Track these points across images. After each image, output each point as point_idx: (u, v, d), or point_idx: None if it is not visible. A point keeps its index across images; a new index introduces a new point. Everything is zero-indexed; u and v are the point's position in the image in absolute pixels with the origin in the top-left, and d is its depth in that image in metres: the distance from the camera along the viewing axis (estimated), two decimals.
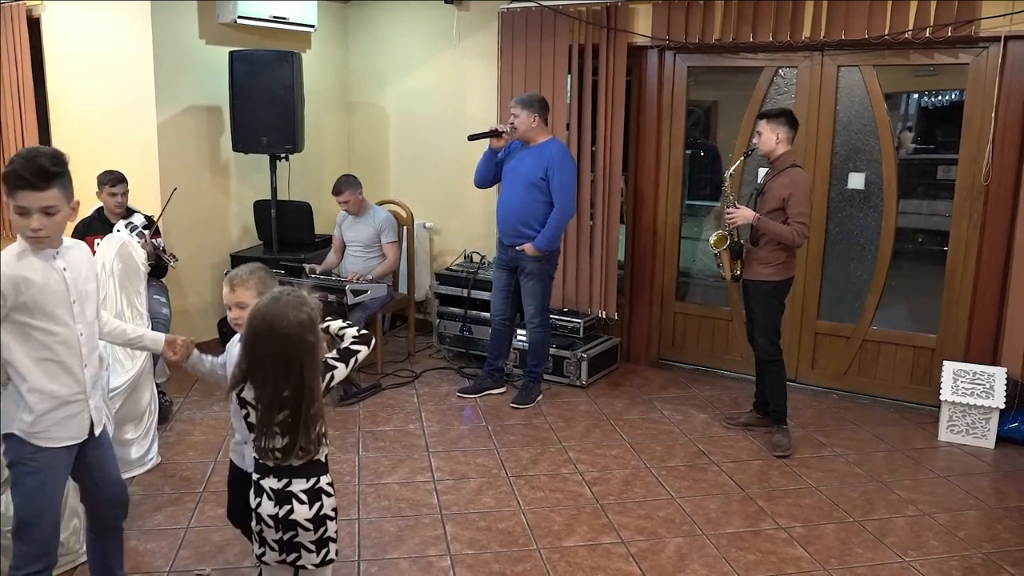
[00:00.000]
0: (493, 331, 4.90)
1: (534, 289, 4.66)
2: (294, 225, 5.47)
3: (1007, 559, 3.18)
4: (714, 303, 5.43)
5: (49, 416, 2.27)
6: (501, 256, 4.76)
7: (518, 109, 4.52)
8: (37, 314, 2.21)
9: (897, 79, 4.81)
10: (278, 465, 2.17)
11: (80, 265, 2.35)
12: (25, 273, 2.19)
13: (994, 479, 3.93)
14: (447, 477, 3.83)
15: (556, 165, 4.47)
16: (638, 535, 3.33)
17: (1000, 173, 4.34)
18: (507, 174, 4.65)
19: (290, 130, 5.15)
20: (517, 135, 4.56)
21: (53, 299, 2.24)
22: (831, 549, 3.24)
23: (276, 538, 2.21)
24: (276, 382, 2.08)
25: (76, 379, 2.31)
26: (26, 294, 2.18)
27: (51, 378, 2.26)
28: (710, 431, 4.44)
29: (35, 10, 5.58)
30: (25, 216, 2.16)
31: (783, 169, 4.07)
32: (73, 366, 2.30)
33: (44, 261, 2.24)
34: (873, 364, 4.90)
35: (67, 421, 2.31)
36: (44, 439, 2.27)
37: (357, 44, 6.29)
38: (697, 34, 4.88)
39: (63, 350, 2.27)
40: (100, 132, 5.36)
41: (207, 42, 5.34)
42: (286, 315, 2.07)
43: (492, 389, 4.90)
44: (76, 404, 2.32)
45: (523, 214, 4.55)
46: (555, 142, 4.63)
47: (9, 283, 2.16)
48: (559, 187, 4.48)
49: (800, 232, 4.00)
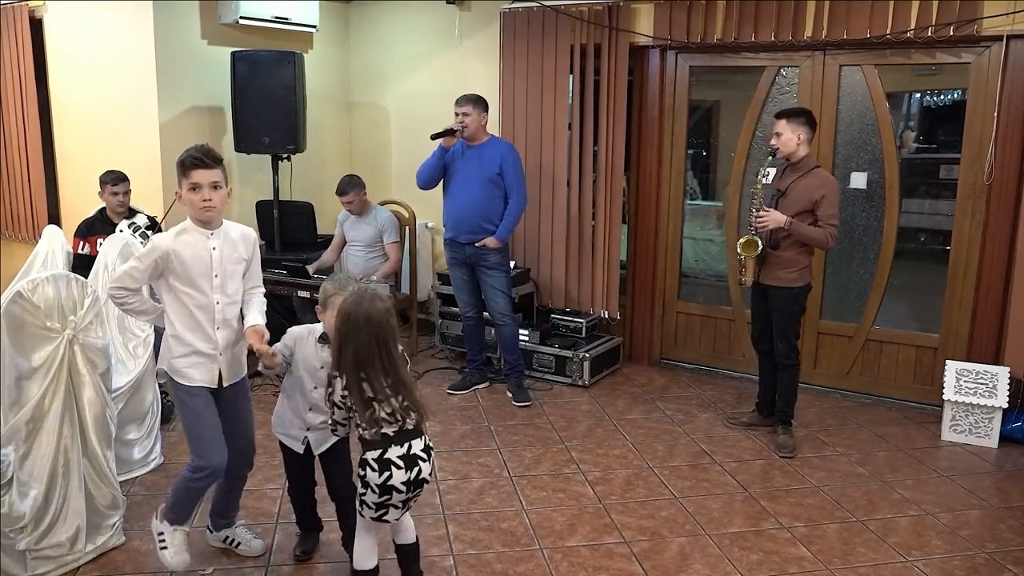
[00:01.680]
0: (467, 327, 5.01)
1: (500, 281, 4.76)
2: (296, 225, 5.48)
3: (1009, 558, 3.18)
4: (716, 303, 5.43)
5: (183, 360, 2.76)
6: (455, 255, 4.82)
7: (469, 108, 4.61)
8: (183, 280, 2.71)
9: (899, 78, 4.81)
10: (400, 431, 2.53)
11: (234, 247, 2.80)
12: (177, 247, 2.69)
13: (997, 479, 3.92)
14: (449, 477, 3.83)
15: (510, 161, 4.66)
16: (640, 535, 3.33)
17: (1002, 172, 4.34)
18: (456, 174, 4.72)
19: (292, 130, 5.15)
20: (467, 134, 4.64)
21: (197, 270, 2.72)
22: (834, 549, 3.24)
23: (404, 499, 2.59)
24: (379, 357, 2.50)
25: (208, 337, 2.76)
26: (175, 263, 2.69)
27: (189, 331, 2.74)
28: (712, 431, 4.44)
29: (37, 11, 5.59)
30: (197, 191, 2.66)
31: (808, 170, 4.01)
32: (206, 326, 2.75)
33: (199, 239, 2.73)
34: (876, 364, 4.90)
35: (199, 367, 2.77)
36: (181, 377, 2.77)
37: (359, 44, 6.29)
38: (699, 34, 4.88)
39: (199, 312, 2.74)
40: (102, 132, 5.37)
41: (209, 42, 5.34)
42: (376, 306, 2.52)
43: (479, 384, 5.03)
44: (207, 356, 2.77)
45: (483, 210, 4.65)
46: (502, 140, 4.83)
47: (164, 253, 2.68)
48: (515, 180, 4.67)
49: (832, 235, 3.95)
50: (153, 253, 2.68)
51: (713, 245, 5.61)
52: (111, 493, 3.12)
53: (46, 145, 5.83)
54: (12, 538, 2.84)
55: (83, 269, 4.13)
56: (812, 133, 4.05)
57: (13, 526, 2.83)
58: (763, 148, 4.63)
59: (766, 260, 4.11)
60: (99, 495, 3.07)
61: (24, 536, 2.85)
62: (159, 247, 2.68)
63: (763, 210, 4.04)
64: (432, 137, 4.73)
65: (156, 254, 2.68)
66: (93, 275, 3.75)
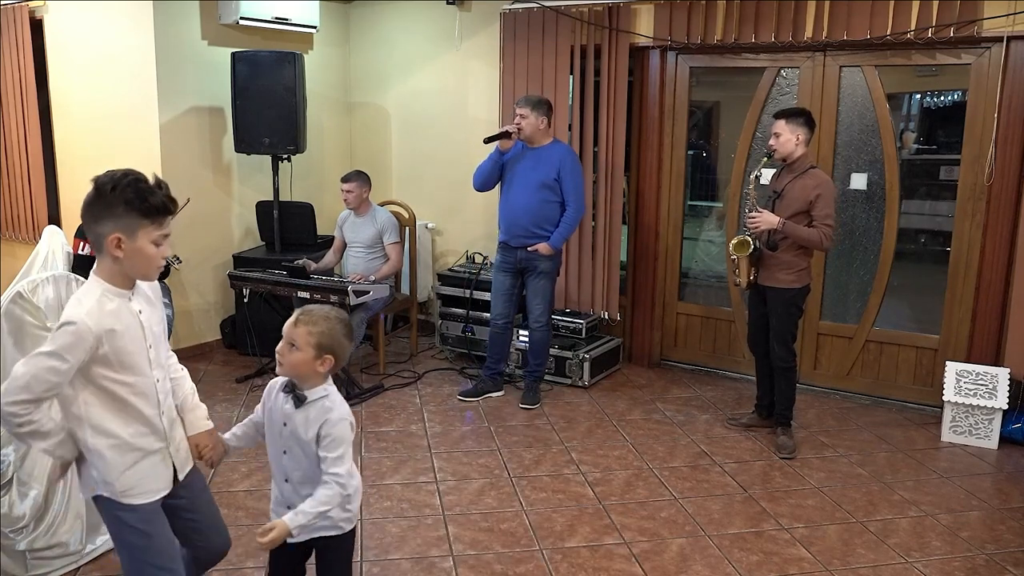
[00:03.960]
0: (493, 334, 4.87)
1: (544, 288, 4.66)
2: (296, 226, 5.48)
3: (1009, 560, 3.18)
4: (716, 304, 5.43)
5: (133, 472, 2.09)
6: (506, 258, 4.71)
7: (526, 110, 4.50)
8: (115, 367, 2.02)
9: (899, 79, 4.81)
10: None
11: (150, 302, 2.15)
12: (108, 324, 1.98)
13: (997, 480, 3.92)
14: (449, 478, 3.83)
15: (568, 166, 4.52)
16: (640, 536, 3.33)
17: (1002, 173, 4.34)
18: (513, 177, 4.61)
19: (292, 131, 5.15)
20: (523, 136, 4.54)
21: (132, 348, 2.04)
22: (834, 550, 3.24)
23: None
24: None
25: (155, 428, 2.13)
26: (107, 348, 1.98)
27: (129, 429, 2.07)
28: (712, 432, 4.44)
29: (38, 11, 5.60)
30: (161, 244, 2.02)
31: (804, 171, 4.01)
32: (150, 414, 2.11)
33: (122, 305, 2.04)
34: (876, 365, 4.90)
35: (154, 472, 2.14)
36: (134, 496, 2.09)
37: (359, 45, 6.30)
38: (699, 34, 4.88)
39: (139, 401, 2.08)
40: (102, 133, 5.37)
41: (209, 43, 5.34)
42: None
43: (492, 392, 4.89)
44: (157, 453, 2.15)
45: (536, 215, 4.55)
46: (562, 144, 4.67)
47: (96, 338, 1.95)
48: (572, 188, 4.53)
49: (827, 235, 3.93)
50: (82, 343, 1.93)
51: (713, 246, 5.61)
52: None
53: (46, 145, 5.83)
54: (12, 538, 2.84)
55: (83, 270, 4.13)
56: (811, 134, 4.05)
57: (13, 526, 2.83)
58: (763, 149, 4.63)
59: (765, 262, 4.10)
60: None
61: (24, 536, 2.85)
62: (88, 332, 1.93)
63: (756, 211, 4.05)
64: (485, 141, 4.64)
65: (87, 343, 1.93)
66: None
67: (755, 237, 4.08)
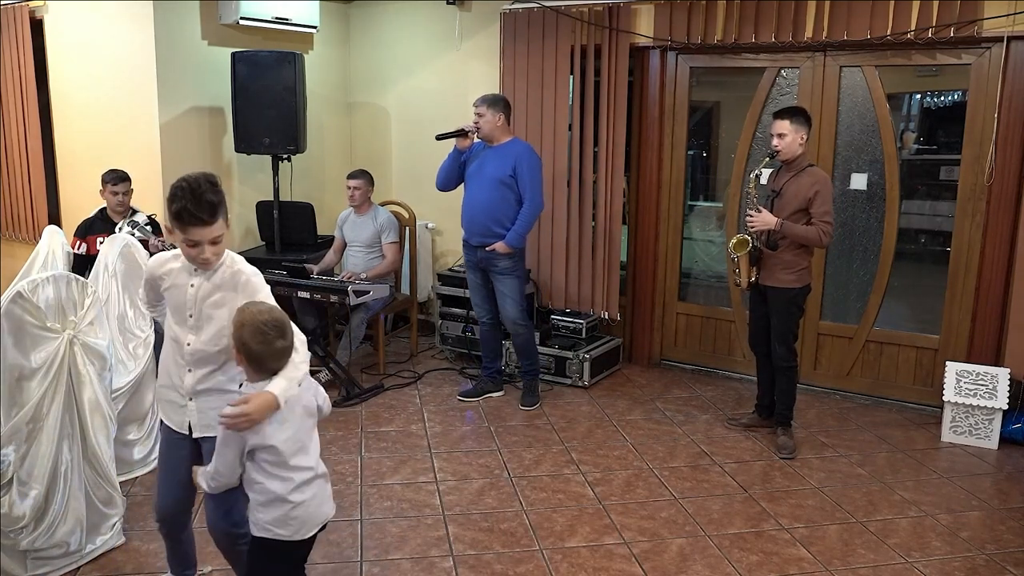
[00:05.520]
0: (482, 333, 4.88)
1: (511, 286, 4.63)
2: (296, 226, 5.48)
3: (1010, 560, 3.18)
4: (716, 304, 5.43)
5: (161, 391, 2.53)
6: (470, 257, 4.75)
7: (483, 108, 4.52)
8: (169, 307, 2.49)
9: (899, 79, 4.81)
10: None
11: (218, 290, 2.41)
12: (161, 273, 2.47)
13: (997, 480, 3.92)
14: (449, 478, 3.83)
15: (524, 162, 4.51)
16: (640, 536, 3.33)
17: (1003, 173, 4.33)
18: (472, 175, 4.64)
19: (292, 131, 5.15)
20: (482, 135, 4.57)
21: (174, 304, 2.46)
22: (834, 550, 3.24)
23: None
24: None
25: (175, 376, 2.47)
26: (164, 285, 2.47)
27: (165, 361, 2.50)
28: (712, 432, 4.44)
29: (38, 11, 5.59)
30: (196, 247, 2.32)
31: (802, 169, 4.01)
32: (177, 363, 2.46)
33: (181, 273, 2.44)
34: (876, 365, 4.90)
35: (169, 406, 2.52)
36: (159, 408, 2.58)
37: (359, 45, 6.29)
38: (699, 35, 4.88)
39: (173, 347, 2.47)
40: (103, 133, 5.37)
41: (209, 43, 5.34)
42: None
43: (492, 392, 4.89)
44: (177, 396, 2.48)
45: (494, 213, 4.55)
46: (521, 142, 4.69)
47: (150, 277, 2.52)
48: (529, 183, 4.51)
49: (826, 232, 3.93)
50: (145, 277, 2.58)
51: (713, 246, 5.61)
52: (111, 493, 3.12)
53: (46, 145, 5.82)
54: (12, 538, 2.84)
55: (80, 269, 4.14)
56: (809, 132, 4.07)
57: (13, 526, 2.83)
58: (763, 149, 4.64)
59: (766, 262, 4.11)
60: (99, 495, 3.08)
61: (24, 536, 2.85)
62: (146, 271, 2.58)
63: (756, 210, 4.06)
64: (437, 138, 4.68)
65: (144, 278, 2.58)
66: (93, 276, 3.75)
67: (755, 237, 4.08)
